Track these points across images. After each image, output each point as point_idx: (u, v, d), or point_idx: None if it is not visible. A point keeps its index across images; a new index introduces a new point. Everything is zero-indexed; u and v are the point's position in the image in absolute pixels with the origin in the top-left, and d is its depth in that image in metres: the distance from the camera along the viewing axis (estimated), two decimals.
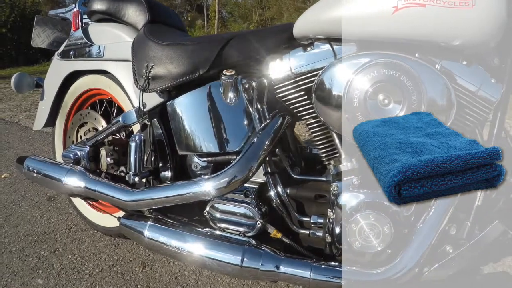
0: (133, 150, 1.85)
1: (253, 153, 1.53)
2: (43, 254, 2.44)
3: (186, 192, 1.62)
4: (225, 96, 1.70)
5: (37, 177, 2.14)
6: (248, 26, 24.04)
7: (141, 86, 1.82)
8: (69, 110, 2.51)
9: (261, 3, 26.15)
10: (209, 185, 1.56)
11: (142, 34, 1.94)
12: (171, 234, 1.75)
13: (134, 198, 1.77)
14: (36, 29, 2.53)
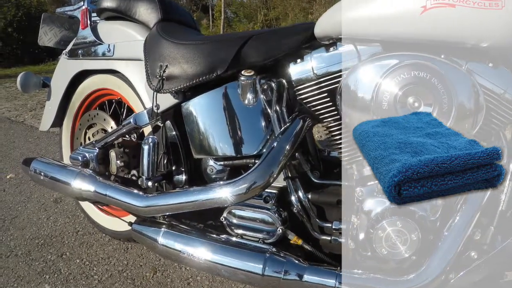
0: (146, 153, 1.77)
1: (274, 158, 1.45)
2: (50, 258, 2.35)
3: (204, 198, 1.54)
4: (243, 97, 1.62)
5: (44, 180, 2.05)
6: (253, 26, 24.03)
7: (154, 87, 1.72)
8: (77, 111, 2.42)
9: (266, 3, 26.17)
10: (228, 191, 1.48)
11: (155, 32, 1.85)
12: (187, 241, 1.65)
13: (148, 204, 1.68)
14: (43, 27, 2.45)
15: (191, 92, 1.76)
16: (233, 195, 1.47)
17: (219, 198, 1.50)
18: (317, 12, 19.09)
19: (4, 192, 3.31)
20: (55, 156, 4.00)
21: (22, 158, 3.97)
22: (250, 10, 27.65)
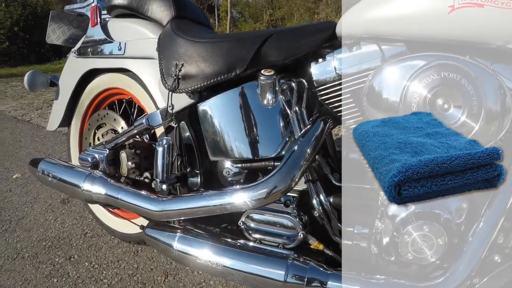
0: (160, 155, 1.69)
1: (295, 161, 1.38)
2: (58, 261, 2.28)
3: (222, 202, 1.46)
4: (262, 97, 1.56)
5: (53, 182, 1.98)
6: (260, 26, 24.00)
7: (169, 86, 1.65)
8: (86, 110, 2.35)
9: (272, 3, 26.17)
10: (248, 195, 1.41)
11: (170, 30, 1.77)
12: (204, 246, 1.58)
13: (164, 208, 1.61)
14: (51, 25, 2.38)
15: (207, 92, 1.69)
16: (253, 200, 1.41)
17: (238, 202, 1.44)
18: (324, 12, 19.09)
19: (11, 192, 3.25)
20: (62, 155, 3.97)
21: (28, 157, 3.96)
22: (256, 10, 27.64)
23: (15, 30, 14.74)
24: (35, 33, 14.68)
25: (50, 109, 6.20)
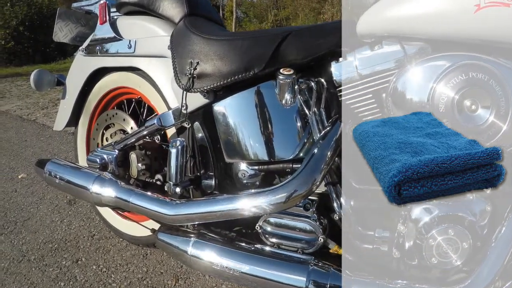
0: (174, 157, 1.62)
1: (316, 164, 1.33)
2: (65, 264, 2.21)
3: (240, 207, 1.40)
4: (281, 98, 1.49)
5: (60, 183, 1.91)
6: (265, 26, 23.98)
7: (184, 85, 1.59)
8: (93, 110, 2.28)
9: (276, 3, 26.16)
10: (268, 199, 1.35)
11: (183, 27, 1.71)
12: (220, 251, 1.51)
13: (178, 212, 1.54)
14: (58, 23, 2.31)
15: (222, 92, 1.63)
16: (272, 204, 1.35)
17: (257, 207, 1.38)
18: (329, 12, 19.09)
19: (16, 193, 3.18)
20: (68, 155, 3.91)
21: (34, 157, 3.91)
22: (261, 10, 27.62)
23: (20, 30, 14.69)
24: (40, 32, 14.65)
25: (56, 109, 6.18)
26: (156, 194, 1.65)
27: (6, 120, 5.74)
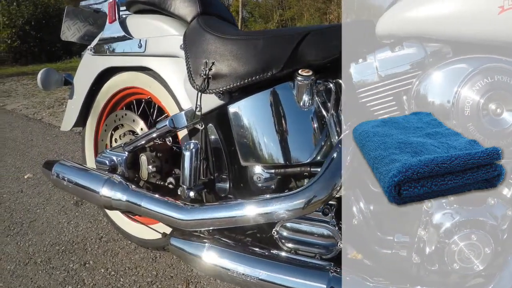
0: (188, 160, 1.56)
1: (336, 168, 1.29)
2: (72, 267, 2.16)
3: (258, 212, 1.36)
4: (298, 99, 1.45)
5: (68, 186, 1.85)
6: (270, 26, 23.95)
7: (198, 86, 1.53)
8: (102, 110, 2.22)
9: (281, 3, 26.14)
10: (287, 205, 1.31)
11: (197, 26, 1.65)
12: (236, 257, 1.46)
13: (193, 217, 1.49)
14: (66, 21, 2.26)
15: (238, 93, 1.57)
16: (291, 210, 1.31)
17: (275, 212, 1.34)
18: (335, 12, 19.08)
19: (22, 193, 3.13)
20: (75, 155, 3.86)
21: (40, 157, 3.87)
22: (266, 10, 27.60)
23: (26, 29, 14.72)
24: (46, 31, 14.70)
25: (62, 108, 6.14)
26: (168, 198, 1.60)
27: (12, 119, 5.69)
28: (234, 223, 1.43)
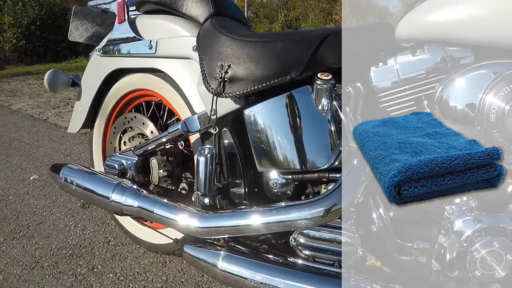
0: (203, 166, 1.50)
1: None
2: (80, 271, 2.10)
3: (276, 220, 1.33)
4: (317, 104, 1.40)
5: (77, 190, 1.80)
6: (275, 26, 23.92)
7: (214, 90, 1.47)
8: (110, 113, 2.16)
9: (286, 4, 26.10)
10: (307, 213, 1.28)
11: (211, 27, 1.60)
12: (253, 266, 1.41)
13: (209, 225, 1.44)
14: (73, 22, 2.20)
15: (254, 96, 1.52)
16: (310, 219, 1.28)
17: (295, 221, 1.30)
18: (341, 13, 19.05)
19: (28, 195, 3.07)
20: (81, 156, 3.82)
21: (46, 157, 3.83)
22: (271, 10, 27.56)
23: (31, 29, 14.75)
24: (52, 31, 14.74)
25: (67, 108, 6.10)
26: (181, 204, 1.55)
27: (17, 119, 5.64)
28: (251, 231, 1.39)
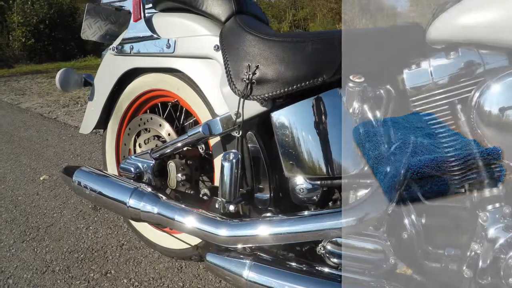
0: (227, 172, 1.42)
1: (391, 181, 1.16)
2: (93, 276, 2.03)
3: (307, 229, 1.26)
4: (348, 107, 1.33)
5: (91, 194, 1.71)
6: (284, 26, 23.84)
7: (240, 92, 1.40)
8: (124, 113, 2.08)
9: (294, 3, 26.02)
10: (339, 221, 1.21)
11: (236, 26, 1.52)
12: (281, 275, 1.33)
13: (236, 234, 1.36)
14: (87, 20, 2.12)
15: (282, 99, 1.45)
16: (343, 228, 1.21)
17: (325, 230, 1.24)
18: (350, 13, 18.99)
19: (38, 196, 3.00)
20: (92, 156, 3.75)
21: (56, 157, 3.77)
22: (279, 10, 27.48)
23: (40, 28, 14.83)
24: (61, 30, 14.83)
25: (77, 107, 6.04)
26: (203, 211, 1.48)
27: (26, 118, 5.59)
28: (281, 240, 1.32)
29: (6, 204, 2.87)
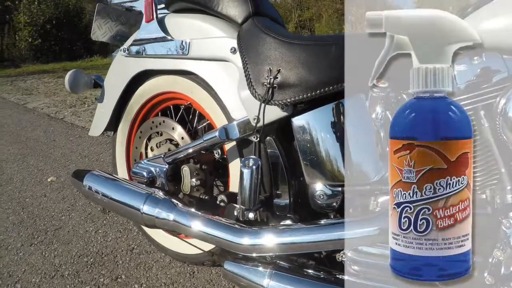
0: (247, 178, 1.38)
1: None
2: (103, 281, 1.97)
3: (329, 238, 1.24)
4: (371, 112, 1.29)
5: (103, 200, 1.66)
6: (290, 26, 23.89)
7: (261, 96, 1.35)
8: (135, 116, 2.03)
9: (300, 4, 26.05)
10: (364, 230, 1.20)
11: (255, 28, 1.48)
12: (302, 284, 1.30)
13: (257, 242, 1.32)
14: (97, 20, 2.07)
15: (303, 104, 1.40)
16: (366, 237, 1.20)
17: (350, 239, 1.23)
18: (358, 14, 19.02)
19: (45, 198, 2.96)
20: (100, 157, 3.72)
21: (63, 158, 3.74)
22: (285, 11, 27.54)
23: (47, 28, 14.92)
24: (67, 30, 14.89)
25: (84, 107, 6.02)
26: (221, 218, 1.44)
27: (33, 118, 5.56)
28: (302, 249, 1.31)
29: (14, 206, 2.83)
